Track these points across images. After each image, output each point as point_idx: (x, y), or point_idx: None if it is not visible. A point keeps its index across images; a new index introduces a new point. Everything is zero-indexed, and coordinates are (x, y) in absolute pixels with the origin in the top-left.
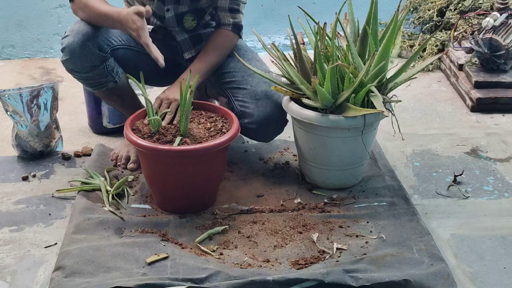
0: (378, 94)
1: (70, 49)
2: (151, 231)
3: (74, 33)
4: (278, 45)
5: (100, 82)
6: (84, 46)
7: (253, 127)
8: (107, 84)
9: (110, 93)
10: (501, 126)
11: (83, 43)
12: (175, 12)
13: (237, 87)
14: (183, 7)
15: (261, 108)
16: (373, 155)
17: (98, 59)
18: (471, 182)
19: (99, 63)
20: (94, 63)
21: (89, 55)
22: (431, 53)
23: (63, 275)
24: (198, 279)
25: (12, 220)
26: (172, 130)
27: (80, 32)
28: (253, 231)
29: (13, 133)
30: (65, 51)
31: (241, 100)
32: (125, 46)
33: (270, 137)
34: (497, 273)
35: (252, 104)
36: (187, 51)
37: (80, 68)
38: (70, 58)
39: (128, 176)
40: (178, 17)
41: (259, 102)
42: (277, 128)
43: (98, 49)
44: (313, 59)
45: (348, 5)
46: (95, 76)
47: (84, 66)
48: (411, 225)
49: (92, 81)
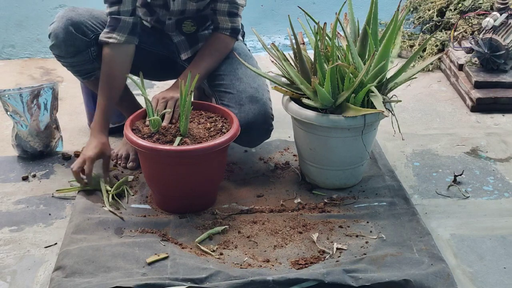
0: (378, 94)
1: (55, 34)
2: (151, 231)
3: (59, 18)
4: (278, 45)
5: (86, 69)
6: (67, 30)
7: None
8: (94, 72)
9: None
10: (501, 126)
11: (66, 27)
12: (176, 19)
13: (224, 91)
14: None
15: (243, 114)
16: (373, 155)
17: (82, 43)
18: (471, 182)
19: (84, 48)
20: (78, 47)
21: (72, 39)
22: (431, 53)
23: (63, 275)
24: (198, 279)
25: (12, 220)
26: (172, 130)
27: (65, 17)
28: (253, 231)
29: (13, 133)
30: (51, 36)
31: (225, 105)
32: None
33: (253, 143)
34: (497, 273)
35: (236, 109)
36: (184, 52)
37: (65, 53)
38: (55, 43)
39: (128, 176)
40: (178, 23)
41: (242, 107)
42: (260, 135)
43: (82, 34)
44: (313, 59)
45: (348, 5)
46: (81, 62)
47: (68, 51)
48: (411, 225)
49: (78, 68)
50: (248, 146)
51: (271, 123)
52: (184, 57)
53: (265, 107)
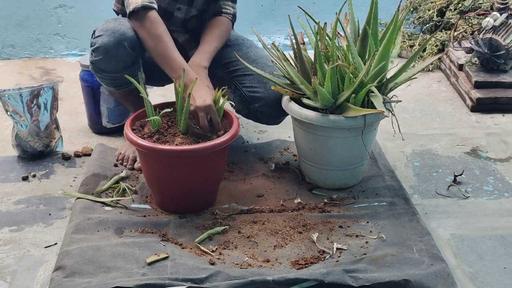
0: (378, 94)
1: (105, 49)
2: (151, 231)
3: (109, 32)
4: (278, 45)
5: (126, 82)
6: (120, 45)
7: (266, 109)
8: (131, 84)
9: (130, 93)
10: (501, 126)
11: (119, 42)
12: (185, 15)
13: (242, 74)
14: (194, 10)
15: (270, 90)
16: (373, 155)
17: (131, 59)
18: (471, 182)
19: (131, 63)
20: (126, 63)
21: (124, 55)
22: (431, 53)
23: (63, 275)
24: (198, 279)
25: (12, 220)
26: (172, 130)
27: (117, 32)
28: (253, 231)
29: (13, 133)
30: (99, 50)
31: (249, 86)
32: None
33: (280, 119)
34: (497, 273)
35: (261, 88)
36: (191, 50)
37: (114, 68)
38: (103, 58)
39: (123, 172)
40: (185, 21)
41: (267, 84)
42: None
43: (132, 49)
44: (313, 59)
45: (348, 5)
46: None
47: (117, 66)
48: (411, 225)
49: (119, 81)
50: (274, 123)
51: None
52: (192, 54)
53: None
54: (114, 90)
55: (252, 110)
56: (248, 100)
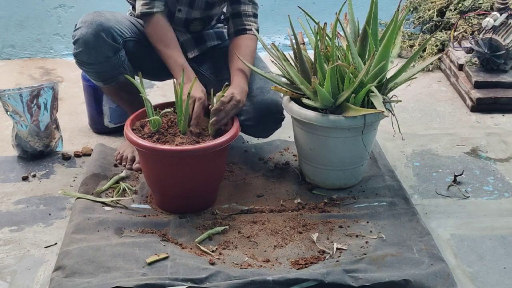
0: (378, 94)
1: (84, 40)
2: (151, 231)
3: (87, 24)
4: (278, 45)
5: (112, 75)
6: (98, 36)
7: (250, 123)
8: (118, 78)
9: (119, 88)
10: (501, 126)
11: (97, 33)
12: (187, 16)
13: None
14: (196, 13)
15: (257, 104)
16: (373, 155)
17: (111, 49)
18: (471, 182)
19: (112, 54)
20: (107, 54)
21: (103, 45)
22: (431, 53)
23: (63, 275)
24: (198, 279)
25: (12, 220)
26: (172, 130)
27: (94, 23)
28: (253, 231)
29: (13, 133)
30: (78, 42)
31: None
32: (135, 39)
33: (267, 133)
34: (497, 273)
35: (248, 101)
36: (190, 51)
37: (94, 59)
38: (83, 50)
39: (123, 172)
40: (188, 21)
41: (254, 98)
42: (274, 124)
43: (112, 40)
44: (313, 59)
45: (348, 5)
46: (108, 68)
47: (98, 57)
48: (411, 225)
49: (104, 74)
50: (262, 136)
51: (283, 111)
52: (191, 55)
53: (276, 97)
54: (103, 85)
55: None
56: None
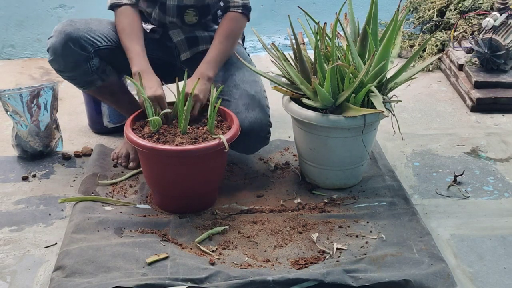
0: (378, 94)
1: (53, 49)
2: (151, 231)
3: (57, 33)
4: (278, 45)
5: (86, 81)
6: (65, 46)
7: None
8: (94, 83)
9: (100, 91)
10: (501, 126)
11: (65, 42)
12: (178, 2)
13: (221, 98)
14: (188, 0)
15: (240, 121)
16: (373, 155)
17: (81, 58)
18: (471, 182)
19: (82, 62)
20: (76, 62)
21: (71, 54)
22: (431, 53)
23: (63, 275)
24: (198, 279)
25: (12, 220)
26: (172, 130)
27: (63, 32)
28: (253, 231)
29: (13, 133)
30: (49, 51)
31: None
32: (113, 46)
33: (250, 150)
34: (497, 273)
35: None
36: (183, 52)
37: (64, 67)
38: (54, 58)
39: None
40: (180, 9)
41: (238, 115)
42: (257, 142)
43: (80, 49)
44: (313, 59)
45: (348, 5)
46: (80, 75)
47: (67, 65)
48: (411, 225)
49: (78, 80)
50: (245, 153)
51: (268, 130)
52: (184, 57)
53: (262, 115)
54: (82, 90)
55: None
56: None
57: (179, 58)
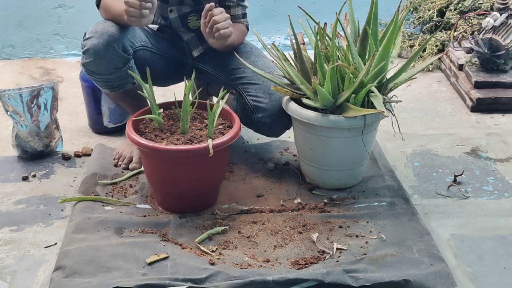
0: (378, 94)
1: (95, 51)
2: (151, 231)
3: (98, 34)
4: (278, 45)
5: (120, 84)
6: (109, 47)
7: (267, 121)
8: (125, 86)
9: (125, 94)
10: (501, 126)
11: (108, 44)
12: (179, 13)
13: (248, 83)
14: (186, 7)
15: (275, 102)
16: (373, 155)
17: (122, 60)
18: (471, 182)
19: (122, 64)
20: (117, 65)
21: (114, 56)
22: (431, 53)
23: (63, 275)
24: (198, 279)
25: (12, 220)
26: (172, 129)
27: (106, 33)
28: (253, 231)
29: (13, 133)
30: (88, 52)
31: (254, 95)
32: (144, 47)
33: (281, 132)
34: (497, 273)
35: (266, 99)
36: (195, 48)
37: (104, 70)
38: (93, 60)
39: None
40: (182, 18)
41: (272, 96)
42: (288, 123)
43: (122, 51)
44: (313, 59)
45: (348, 5)
46: (116, 78)
47: (108, 68)
48: (411, 225)
49: (112, 83)
50: (274, 135)
51: None
52: (196, 54)
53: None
54: (109, 92)
55: (254, 120)
56: (251, 109)
57: (190, 56)
